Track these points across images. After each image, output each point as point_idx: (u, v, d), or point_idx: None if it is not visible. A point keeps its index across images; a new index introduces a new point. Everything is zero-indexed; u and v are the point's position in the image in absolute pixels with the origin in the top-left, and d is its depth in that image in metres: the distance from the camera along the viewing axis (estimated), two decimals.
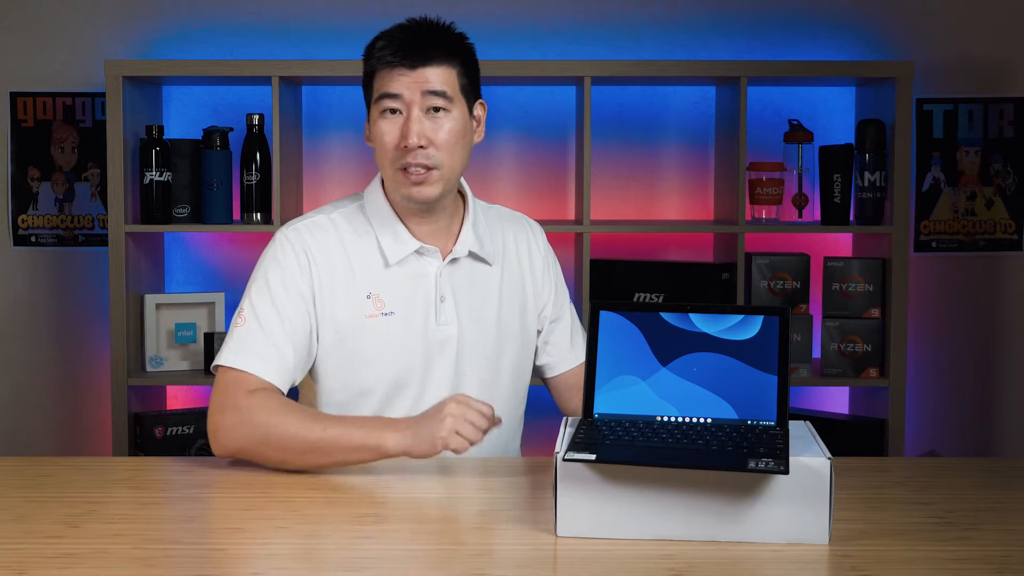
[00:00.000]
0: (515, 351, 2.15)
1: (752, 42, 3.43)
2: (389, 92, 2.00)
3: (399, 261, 2.06)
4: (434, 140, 1.99)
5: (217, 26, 3.42)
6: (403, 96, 1.99)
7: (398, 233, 2.06)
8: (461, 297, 2.09)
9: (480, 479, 1.88)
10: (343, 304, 2.04)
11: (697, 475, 1.54)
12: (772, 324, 1.66)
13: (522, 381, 2.18)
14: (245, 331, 1.98)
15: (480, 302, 2.10)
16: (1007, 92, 3.45)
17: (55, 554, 1.52)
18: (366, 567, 1.48)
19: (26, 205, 3.47)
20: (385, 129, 2.01)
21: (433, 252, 2.07)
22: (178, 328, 3.27)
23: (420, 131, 1.98)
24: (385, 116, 2.01)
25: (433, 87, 1.99)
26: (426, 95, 1.99)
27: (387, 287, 2.06)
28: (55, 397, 3.51)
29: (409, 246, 2.06)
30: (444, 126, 2.00)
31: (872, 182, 3.19)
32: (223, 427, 1.90)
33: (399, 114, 2.00)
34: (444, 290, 2.08)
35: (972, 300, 3.50)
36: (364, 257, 2.06)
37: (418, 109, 1.99)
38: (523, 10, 3.43)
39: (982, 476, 1.90)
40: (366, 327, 2.04)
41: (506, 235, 2.19)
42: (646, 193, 3.48)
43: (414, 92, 1.99)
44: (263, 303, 2.00)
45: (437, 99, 1.99)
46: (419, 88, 1.99)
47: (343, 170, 3.45)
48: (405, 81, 1.99)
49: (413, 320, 2.06)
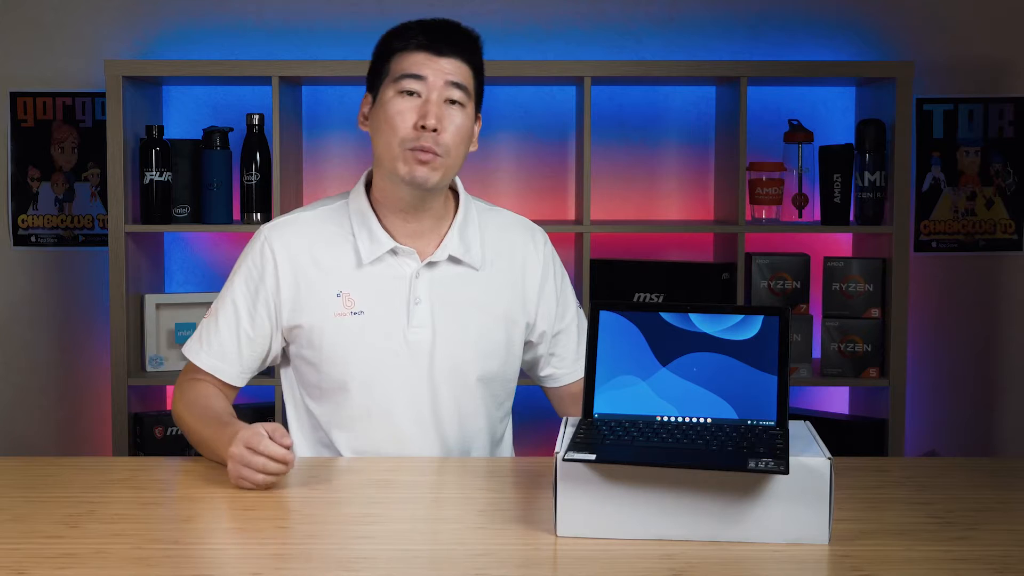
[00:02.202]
0: (496, 356, 2.11)
1: (752, 42, 3.43)
2: (414, 73, 2.01)
3: (372, 261, 2.05)
4: (447, 128, 2.01)
5: (217, 26, 3.42)
6: (427, 79, 2.01)
7: (374, 233, 2.06)
8: (438, 301, 2.07)
9: (480, 479, 1.88)
10: (312, 303, 2.05)
11: (697, 475, 1.54)
12: (772, 324, 1.66)
13: (503, 388, 2.15)
14: (205, 323, 2.14)
15: (459, 307, 2.08)
16: (1007, 92, 3.45)
17: (55, 554, 1.52)
18: (366, 567, 1.48)
19: (26, 205, 3.47)
20: (402, 107, 2.01)
21: (410, 253, 2.06)
22: (178, 328, 3.27)
23: (439, 115, 2.00)
24: (402, 95, 2.01)
25: (456, 79, 2.02)
26: (448, 85, 2.01)
27: (359, 286, 2.05)
28: (55, 397, 3.51)
29: (384, 246, 2.06)
30: (456, 119, 2.02)
31: (872, 182, 3.20)
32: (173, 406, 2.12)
33: (416, 96, 2.01)
34: (420, 292, 2.06)
35: (972, 300, 3.50)
36: (339, 256, 2.07)
37: (437, 95, 2.01)
38: (523, 10, 3.43)
39: (982, 476, 1.90)
40: (334, 325, 2.04)
41: (501, 240, 2.15)
42: (646, 193, 3.48)
43: (438, 78, 2.01)
44: (225, 302, 2.13)
45: (457, 91, 2.02)
46: (443, 76, 2.01)
47: (343, 170, 3.45)
48: (432, 66, 2.01)
49: (385, 320, 2.05)
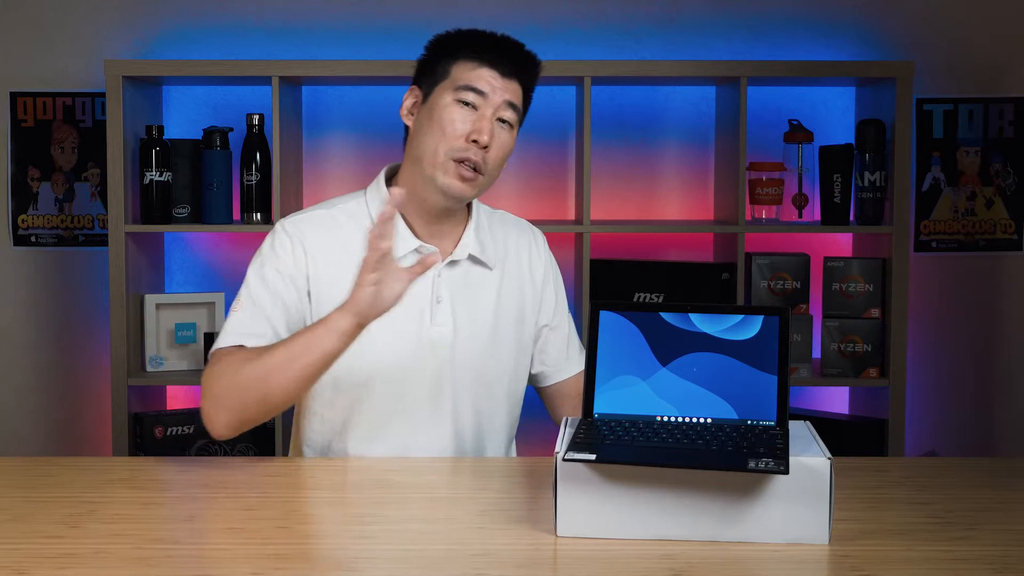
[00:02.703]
0: (510, 355, 2.14)
1: (752, 42, 3.43)
2: (477, 87, 2.02)
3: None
4: (494, 147, 2.02)
5: (217, 26, 3.42)
6: (488, 96, 2.02)
7: (399, 230, 2.07)
8: (458, 299, 2.09)
9: (480, 479, 1.88)
10: (337, 298, 2.04)
11: (697, 475, 1.54)
12: (772, 324, 1.66)
13: (517, 385, 2.18)
14: (241, 313, 2.02)
15: (477, 305, 2.10)
16: (1007, 92, 3.45)
17: (55, 554, 1.52)
18: (366, 567, 1.48)
19: (26, 205, 3.47)
20: (458, 116, 2.01)
21: (432, 252, 2.07)
22: (178, 328, 3.27)
23: (491, 132, 2.01)
24: (459, 105, 2.02)
25: (513, 100, 2.04)
26: (505, 105, 2.03)
27: None
28: (55, 397, 3.51)
29: (409, 244, 2.07)
30: (504, 139, 2.04)
31: (872, 182, 3.20)
32: (205, 405, 1.95)
33: (472, 108, 2.02)
34: (441, 291, 2.08)
35: (972, 300, 3.50)
36: (361, 252, 2.07)
37: (491, 111, 2.02)
38: (523, 10, 3.43)
39: (982, 476, 1.90)
40: None
41: (508, 241, 2.19)
42: (646, 193, 3.48)
43: (497, 97, 2.02)
44: (258, 286, 2.03)
45: (511, 112, 2.04)
46: (503, 96, 2.03)
47: (343, 170, 3.45)
48: (496, 84, 2.03)
49: (407, 318, 2.06)
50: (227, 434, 1.95)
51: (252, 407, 1.92)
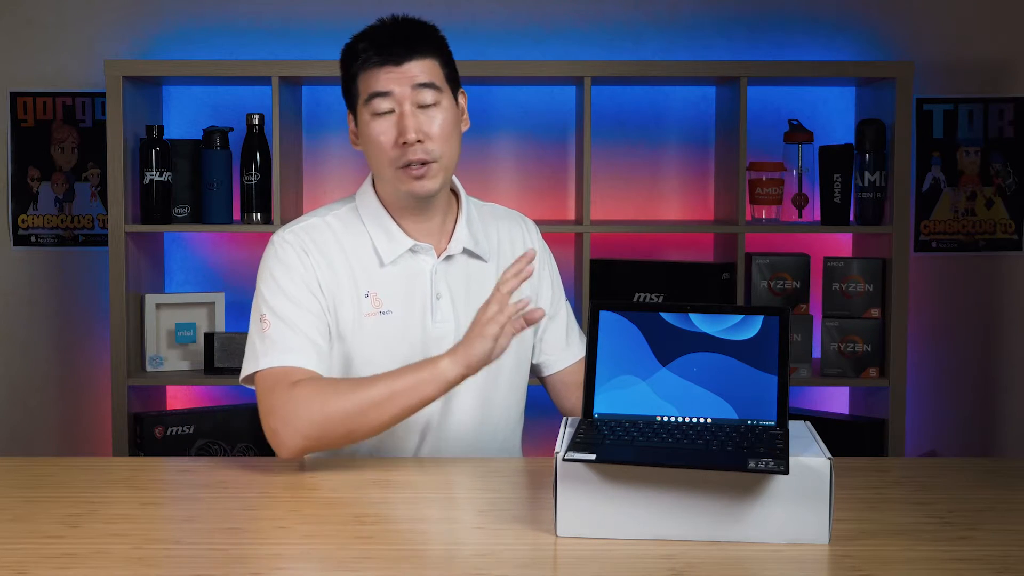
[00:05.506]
0: (512, 348, 2.14)
1: (752, 42, 3.43)
2: (379, 91, 2.00)
3: (393, 260, 2.07)
4: (430, 133, 2.00)
5: (217, 26, 3.42)
6: (394, 93, 2.00)
7: (391, 232, 2.07)
8: (457, 294, 2.10)
9: (480, 479, 1.88)
10: (345, 302, 2.05)
11: (697, 475, 1.54)
12: (772, 324, 1.66)
13: (520, 378, 2.18)
14: (273, 332, 1.99)
15: (476, 299, 2.10)
16: (1007, 92, 3.45)
17: (55, 554, 1.52)
18: (366, 567, 1.48)
19: (26, 205, 3.47)
20: (380, 129, 2.01)
21: (427, 250, 2.08)
22: (178, 328, 3.27)
23: (416, 126, 1.99)
24: (377, 117, 2.01)
25: (422, 80, 2.01)
26: (416, 89, 2.00)
27: (383, 286, 2.06)
28: (55, 397, 3.51)
29: (403, 244, 2.07)
30: (437, 119, 2.01)
31: (872, 182, 3.20)
32: (280, 429, 1.92)
33: (391, 113, 2.01)
34: (440, 287, 2.08)
35: (972, 300, 3.50)
36: (360, 257, 2.07)
37: (409, 104, 2.00)
38: (523, 10, 3.43)
39: (982, 476, 1.90)
40: (365, 325, 2.05)
41: (500, 232, 2.19)
42: (646, 193, 3.48)
43: (404, 88, 2.00)
44: (280, 302, 2.01)
45: (427, 92, 2.00)
46: (409, 83, 2.00)
47: (343, 170, 3.45)
48: (394, 78, 2.00)
49: (410, 318, 2.06)
50: (296, 457, 1.94)
51: (336, 439, 1.92)
